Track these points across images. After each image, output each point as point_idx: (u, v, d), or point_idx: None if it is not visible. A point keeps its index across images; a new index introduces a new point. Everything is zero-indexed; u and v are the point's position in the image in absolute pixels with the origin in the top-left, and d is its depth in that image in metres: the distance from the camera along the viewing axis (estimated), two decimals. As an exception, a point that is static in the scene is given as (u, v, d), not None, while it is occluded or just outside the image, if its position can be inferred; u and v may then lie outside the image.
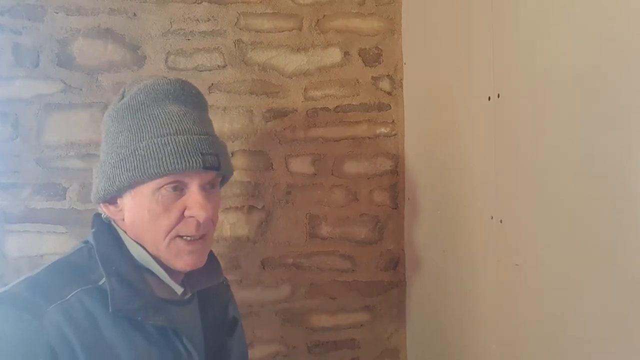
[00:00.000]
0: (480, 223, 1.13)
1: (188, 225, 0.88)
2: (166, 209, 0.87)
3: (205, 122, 0.93)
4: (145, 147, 0.85)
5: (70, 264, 0.89)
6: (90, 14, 1.38)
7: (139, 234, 0.90)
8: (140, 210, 0.88)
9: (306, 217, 1.50)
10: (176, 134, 0.86)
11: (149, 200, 0.87)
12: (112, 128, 0.91)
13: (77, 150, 1.37)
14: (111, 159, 0.89)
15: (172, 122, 0.87)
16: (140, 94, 0.89)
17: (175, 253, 0.89)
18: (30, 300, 0.81)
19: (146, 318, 0.85)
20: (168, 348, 0.87)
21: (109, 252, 0.89)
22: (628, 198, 0.75)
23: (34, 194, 1.35)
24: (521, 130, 0.99)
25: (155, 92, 0.89)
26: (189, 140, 0.86)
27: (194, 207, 0.87)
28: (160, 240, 0.88)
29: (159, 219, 0.87)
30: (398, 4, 1.54)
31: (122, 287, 0.85)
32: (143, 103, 0.89)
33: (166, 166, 0.84)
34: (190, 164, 0.85)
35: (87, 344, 0.80)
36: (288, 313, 1.49)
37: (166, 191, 0.87)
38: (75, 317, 0.81)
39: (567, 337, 0.88)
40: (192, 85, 0.95)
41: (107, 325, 0.83)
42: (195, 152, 0.86)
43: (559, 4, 0.89)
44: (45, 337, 0.78)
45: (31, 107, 1.35)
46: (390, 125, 1.55)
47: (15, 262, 1.34)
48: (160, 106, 0.89)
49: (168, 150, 0.85)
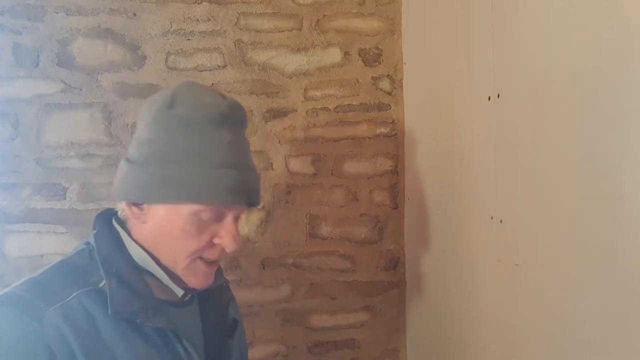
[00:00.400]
0: (480, 223, 1.13)
1: (213, 251, 0.90)
2: (199, 233, 0.88)
3: (249, 148, 0.95)
4: (203, 175, 0.85)
5: (71, 266, 0.89)
6: (90, 14, 1.38)
7: (159, 245, 0.90)
8: (172, 226, 0.88)
9: (306, 217, 1.50)
10: (231, 167, 0.87)
11: (184, 219, 0.87)
12: (160, 135, 0.88)
13: (77, 150, 1.37)
14: (160, 169, 0.87)
15: (229, 154, 0.87)
16: (197, 112, 0.87)
17: (193, 272, 0.90)
18: (30, 301, 0.81)
19: (145, 320, 0.85)
20: (168, 350, 0.88)
21: (109, 254, 0.89)
22: (628, 198, 0.75)
23: (34, 194, 1.35)
24: (521, 130, 0.99)
25: (212, 113, 0.88)
26: (241, 177, 0.88)
27: (225, 237, 0.89)
28: (182, 258, 0.89)
29: (189, 240, 0.88)
30: (398, 4, 1.54)
31: (121, 290, 0.85)
32: (199, 122, 0.87)
33: (218, 198, 0.86)
34: (239, 200, 0.88)
35: (86, 345, 0.80)
36: (288, 313, 1.49)
37: (204, 217, 0.87)
38: (74, 319, 0.81)
39: (567, 337, 0.88)
40: (242, 107, 0.95)
41: (106, 327, 0.83)
42: (244, 189, 0.88)
43: (559, 4, 0.89)
44: (44, 339, 0.78)
45: (31, 107, 1.35)
46: (390, 125, 1.55)
47: (16, 262, 1.34)
48: (216, 130, 0.87)
49: (224, 184, 0.86)
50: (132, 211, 0.90)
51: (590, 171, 0.82)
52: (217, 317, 1.01)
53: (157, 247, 0.90)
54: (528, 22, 0.97)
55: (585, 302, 0.84)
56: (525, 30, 0.98)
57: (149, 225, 0.89)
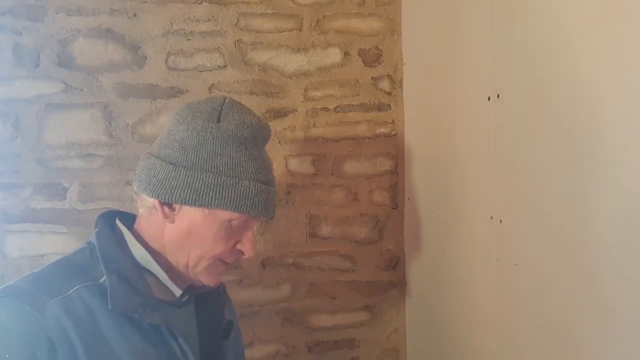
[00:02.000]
0: (480, 223, 1.14)
1: (233, 254, 0.98)
2: (228, 238, 0.95)
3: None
4: (247, 187, 0.93)
5: (72, 263, 0.91)
6: (90, 14, 1.38)
7: (185, 244, 0.94)
8: (206, 230, 0.93)
9: (306, 217, 1.50)
10: (268, 184, 0.96)
11: (219, 225, 0.93)
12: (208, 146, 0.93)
13: (78, 150, 1.37)
14: (205, 176, 0.91)
15: (266, 171, 0.97)
16: (244, 130, 0.94)
17: (211, 272, 0.97)
18: (32, 293, 0.83)
19: (143, 316, 0.87)
20: (163, 347, 0.90)
21: (110, 251, 0.91)
22: (628, 198, 0.76)
23: (34, 194, 1.35)
24: (521, 131, 0.99)
25: (255, 132, 0.96)
26: (272, 193, 0.97)
27: (247, 244, 0.97)
28: (206, 259, 0.95)
29: (218, 243, 0.94)
30: (398, 4, 1.54)
31: (121, 285, 0.87)
32: (246, 139, 0.94)
33: (256, 210, 0.94)
34: (268, 213, 0.97)
35: (85, 337, 0.82)
36: (288, 313, 1.49)
37: (235, 224, 0.94)
38: (75, 311, 0.83)
39: (567, 337, 0.88)
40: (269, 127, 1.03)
41: (105, 321, 0.85)
42: (272, 204, 0.98)
43: (559, 3, 0.89)
44: (45, 330, 0.80)
45: (32, 107, 1.35)
46: (390, 125, 1.55)
47: (16, 262, 1.34)
48: (257, 149, 0.97)
49: (261, 198, 0.94)
50: (163, 210, 0.93)
51: (590, 171, 0.82)
52: (213, 318, 1.04)
53: (182, 246, 0.94)
54: (528, 22, 0.97)
55: (584, 301, 0.84)
56: (525, 30, 0.98)
57: (178, 226, 0.94)
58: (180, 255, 0.94)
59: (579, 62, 0.84)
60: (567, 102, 0.87)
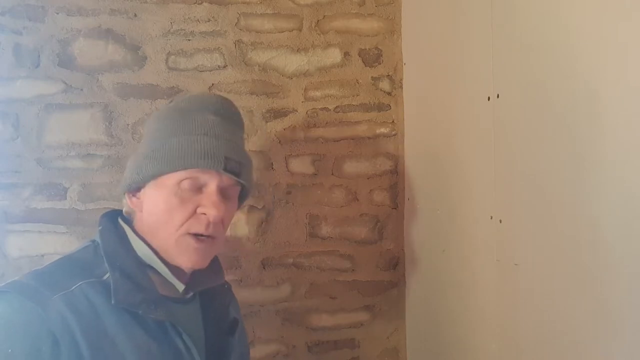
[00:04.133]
0: (480, 223, 1.14)
1: (199, 222, 0.91)
2: (182, 203, 0.90)
3: (237, 135, 0.99)
4: (177, 142, 0.90)
5: (75, 260, 0.92)
6: (91, 14, 1.38)
7: (152, 226, 0.93)
8: (159, 201, 0.92)
9: (306, 217, 1.50)
10: (206, 135, 0.91)
11: (168, 192, 0.91)
12: (152, 126, 0.97)
13: (78, 150, 1.37)
14: (144, 150, 0.94)
15: (205, 126, 0.92)
16: (184, 101, 0.95)
17: (183, 249, 0.92)
18: (35, 288, 0.83)
19: (147, 312, 0.87)
20: (167, 343, 0.90)
21: (114, 249, 0.92)
22: (628, 198, 0.76)
23: (34, 194, 1.35)
24: (521, 131, 1.00)
25: (198, 101, 0.95)
26: (216, 143, 0.91)
27: (207, 205, 0.91)
28: (171, 234, 0.91)
29: (174, 212, 0.91)
30: (398, 4, 1.54)
31: (125, 282, 0.87)
32: (185, 108, 0.95)
33: (190, 161, 0.89)
34: (212, 163, 0.90)
35: (88, 333, 0.82)
36: (288, 313, 1.50)
37: (185, 186, 0.90)
38: (78, 307, 0.83)
39: (567, 337, 0.88)
40: (234, 105, 1.01)
41: (108, 317, 0.85)
42: (219, 154, 0.90)
43: (559, 3, 0.89)
44: (47, 324, 0.80)
45: (32, 107, 1.35)
46: (390, 125, 1.55)
47: (16, 262, 1.34)
48: (199, 113, 0.94)
49: (195, 147, 0.90)
50: (131, 201, 0.95)
51: (589, 171, 0.82)
52: (218, 316, 1.03)
53: (152, 230, 0.93)
54: (528, 22, 0.97)
55: (584, 302, 0.84)
56: (525, 31, 0.98)
57: (144, 212, 0.94)
58: (158, 241, 0.93)
59: (579, 62, 0.84)
60: (567, 102, 0.87)
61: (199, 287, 1.00)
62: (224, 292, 1.07)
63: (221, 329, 1.02)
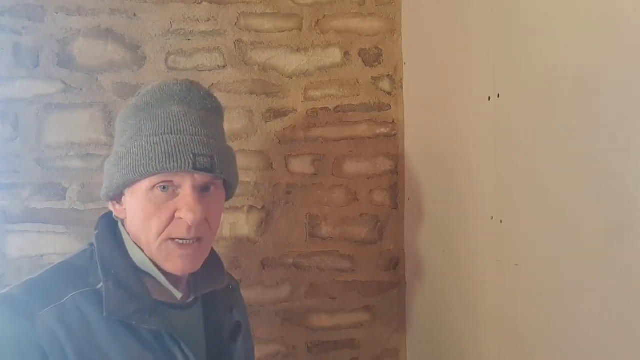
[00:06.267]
0: (480, 223, 1.13)
1: (179, 227, 0.87)
2: (158, 209, 0.86)
3: (208, 123, 0.91)
4: (139, 146, 0.85)
5: (70, 267, 0.89)
6: (90, 14, 1.38)
7: (136, 234, 0.90)
8: (137, 209, 0.88)
9: (306, 217, 1.50)
10: (170, 133, 0.85)
11: (143, 199, 0.86)
12: (118, 128, 0.93)
13: (77, 150, 1.37)
14: (113, 157, 0.90)
15: (169, 122, 0.87)
16: (147, 95, 0.90)
17: (166, 256, 0.88)
18: (24, 302, 0.81)
19: (141, 322, 0.84)
20: (163, 353, 0.86)
21: (109, 255, 0.89)
22: (628, 198, 0.75)
23: (34, 194, 1.35)
24: (521, 130, 0.99)
25: (161, 93, 0.90)
26: (181, 140, 0.85)
27: (183, 209, 0.85)
28: (152, 241, 0.87)
29: (151, 219, 0.86)
30: (398, 4, 1.54)
31: (118, 291, 0.85)
32: (148, 103, 0.89)
33: (155, 165, 0.84)
34: (179, 164, 0.84)
35: (79, 347, 0.80)
36: (288, 313, 1.49)
37: (158, 191, 0.86)
38: (68, 320, 0.81)
39: (567, 337, 0.88)
40: (201, 87, 0.94)
41: (101, 329, 0.82)
42: (186, 153, 0.84)
43: (559, 3, 0.89)
44: (36, 339, 0.79)
45: (31, 107, 1.35)
46: (390, 125, 1.55)
47: (16, 262, 1.34)
48: (163, 107, 0.89)
49: (159, 150, 0.84)
50: (116, 209, 0.92)
51: (590, 171, 0.82)
52: (221, 320, 0.99)
53: (136, 238, 0.90)
54: (528, 22, 0.97)
55: (584, 301, 0.84)
56: (525, 30, 0.98)
57: (128, 217, 0.91)
58: (144, 248, 0.89)
59: (579, 62, 0.84)
60: (567, 102, 0.87)
61: (201, 291, 0.96)
62: (228, 293, 1.03)
63: (224, 334, 0.98)
